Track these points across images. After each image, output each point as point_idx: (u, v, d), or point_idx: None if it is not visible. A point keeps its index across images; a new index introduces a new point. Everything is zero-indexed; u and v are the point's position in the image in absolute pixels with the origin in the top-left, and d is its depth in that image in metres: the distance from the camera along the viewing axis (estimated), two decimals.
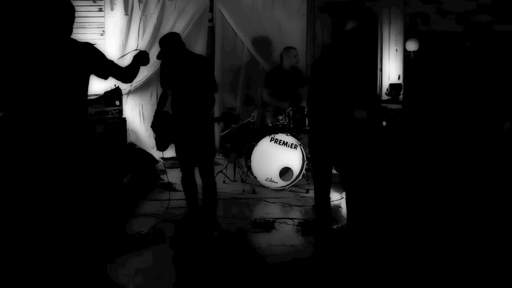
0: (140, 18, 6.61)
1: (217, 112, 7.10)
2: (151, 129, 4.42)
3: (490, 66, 6.15)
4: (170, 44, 4.19)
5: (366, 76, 4.01)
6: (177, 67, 4.25)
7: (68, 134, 3.06)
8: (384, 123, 4.71)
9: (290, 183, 5.65)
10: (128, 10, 6.58)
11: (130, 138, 6.64)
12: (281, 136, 5.64)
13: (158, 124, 4.32)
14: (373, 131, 4.21)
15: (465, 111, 5.39)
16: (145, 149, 6.51)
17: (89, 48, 3.14)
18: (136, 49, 3.60)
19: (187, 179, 4.35)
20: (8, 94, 3.05)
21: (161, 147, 4.34)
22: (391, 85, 6.07)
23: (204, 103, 4.25)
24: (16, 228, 3.45)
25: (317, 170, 4.28)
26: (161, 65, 4.42)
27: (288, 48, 6.25)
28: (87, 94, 3.21)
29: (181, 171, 4.39)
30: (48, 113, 3.02)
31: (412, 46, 6.23)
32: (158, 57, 4.30)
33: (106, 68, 3.24)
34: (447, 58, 6.37)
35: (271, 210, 4.96)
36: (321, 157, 4.16)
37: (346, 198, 4.10)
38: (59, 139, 3.04)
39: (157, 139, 4.34)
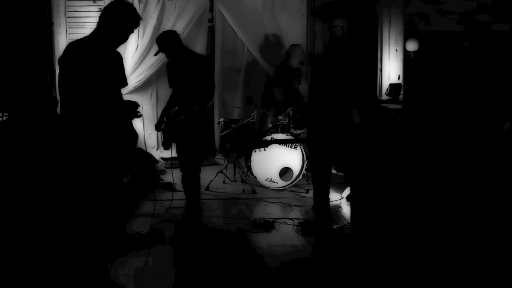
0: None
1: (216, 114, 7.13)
2: (152, 129, 4.47)
3: (490, 66, 6.15)
4: (165, 43, 4.22)
5: (363, 77, 4.02)
6: (175, 65, 4.27)
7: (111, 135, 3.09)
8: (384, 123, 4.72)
9: (290, 183, 5.65)
10: None
11: None
12: (281, 136, 5.65)
13: (161, 124, 4.36)
14: (373, 132, 4.21)
15: (465, 111, 5.39)
16: (145, 149, 6.51)
17: (121, 59, 3.16)
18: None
19: (187, 179, 4.36)
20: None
21: (166, 146, 4.40)
22: (391, 85, 6.07)
23: (199, 102, 4.26)
24: (26, 227, 3.46)
25: (316, 170, 4.29)
26: (167, 65, 4.46)
27: (296, 46, 6.29)
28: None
29: (180, 170, 4.39)
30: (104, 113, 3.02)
31: (412, 46, 6.24)
32: (156, 55, 4.35)
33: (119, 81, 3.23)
34: (447, 58, 6.38)
35: (271, 210, 4.96)
36: (320, 156, 4.16)
37: (350, 197, 4.10)
38: (107, 139, 3.06)
39: (163, 138, 4.41)
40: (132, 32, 3.10)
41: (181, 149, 4.32)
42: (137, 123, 6.80)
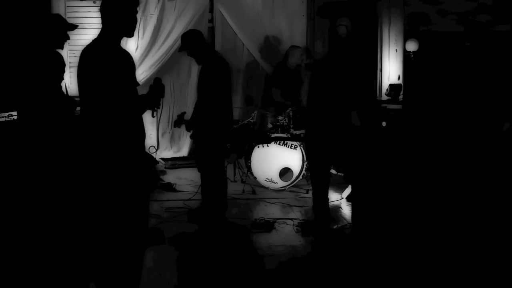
0: (140, 18, 6.61)
1: None
2: (152, 129, 4.53)
3: (490, 66, 6.15)
4: (184, 41, 4.33)
5: (362, 79, 4.03)
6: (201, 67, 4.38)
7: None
8: (384, 124, 4.71)
9: (290, 184, 5.65)
10: None
11: None
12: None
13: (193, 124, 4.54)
14: (372, 132, 4.22)
15: (465, 111, 5.39)
16: (145, 149, 6.51)
17: (132, 58, 3.19)
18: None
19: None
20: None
21: (192, 135, 4.60)
22: (391, 85, 6.07)
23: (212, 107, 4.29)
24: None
25: (315, 170, 4.29)
26: None
27: (295, 47, 6.28)
28: None
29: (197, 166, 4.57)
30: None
31: (412, 46, 6.24)
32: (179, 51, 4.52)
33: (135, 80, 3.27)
34: (447, 58, 6.38)
35: (271, 211, 4.96)
36: (319, 157, 4.16)
37: (352, 197, 4.10)
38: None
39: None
40: (137, 12, 3.03)
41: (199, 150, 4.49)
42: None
